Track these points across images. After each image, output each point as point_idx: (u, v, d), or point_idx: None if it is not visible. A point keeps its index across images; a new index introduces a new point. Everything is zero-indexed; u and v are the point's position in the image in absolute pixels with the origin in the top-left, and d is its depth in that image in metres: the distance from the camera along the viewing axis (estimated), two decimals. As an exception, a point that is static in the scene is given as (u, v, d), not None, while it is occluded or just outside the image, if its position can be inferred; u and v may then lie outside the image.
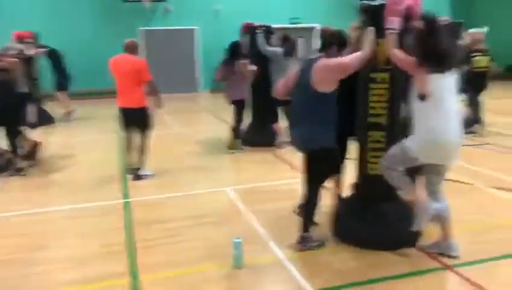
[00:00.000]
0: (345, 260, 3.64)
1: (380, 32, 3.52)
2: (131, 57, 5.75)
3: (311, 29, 15.91)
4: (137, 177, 5.94)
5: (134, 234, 4.22)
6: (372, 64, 3.68)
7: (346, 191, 4.23)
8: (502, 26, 15.80)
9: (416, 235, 3.77)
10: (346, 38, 3.73)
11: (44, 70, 10.33)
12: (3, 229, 4.50)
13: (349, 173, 4.24)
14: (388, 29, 3.41)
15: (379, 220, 3.81)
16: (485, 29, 7.89)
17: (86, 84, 13.59)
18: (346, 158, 4.30)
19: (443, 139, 3.29)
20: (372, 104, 3.79)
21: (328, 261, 3.66)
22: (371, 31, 3.54)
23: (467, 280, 3.29)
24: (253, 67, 7.28)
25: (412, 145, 3.38)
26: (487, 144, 7.36)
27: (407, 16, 3.51)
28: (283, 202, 4.81)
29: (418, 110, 3.36)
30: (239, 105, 7.25)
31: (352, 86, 3.90)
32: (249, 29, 7.80)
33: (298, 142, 3.79)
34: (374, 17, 3.58)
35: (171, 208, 4.94)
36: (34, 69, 9.32)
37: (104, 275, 3.50)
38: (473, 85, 7.72)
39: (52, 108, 10.44)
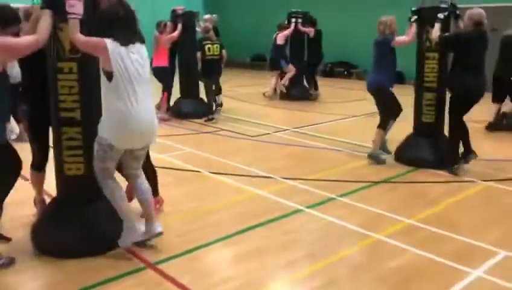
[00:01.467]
0: (39, 277, 3.20)
1: (65, 17, 3.17)
2: None
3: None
4: None
5: None
6: (57, 52, 3.30)
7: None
8: (249, 18, 17.23)
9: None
10: (11, 15, 3.26)
11: None
12: None
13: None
14: (68, 13, 3.12)
15: (80, 224, 3.47)
16: (213, 17, 8.26)
17: None
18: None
19: (133, 123, 3.18)
20: (62, 97, 3.41)
21: (16, 281, 3.15)
22: (46, 13, 3.15)
23: (165, 275, 3.21)
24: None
25: (104, 132, 3.21)
26: (221, 129, 7.71)
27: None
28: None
29: (106, 93, 3.20)
30: None
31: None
32: None
33: None
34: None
35: None
36: None
37: None
38: (206, 71, 8.03)
39: None
